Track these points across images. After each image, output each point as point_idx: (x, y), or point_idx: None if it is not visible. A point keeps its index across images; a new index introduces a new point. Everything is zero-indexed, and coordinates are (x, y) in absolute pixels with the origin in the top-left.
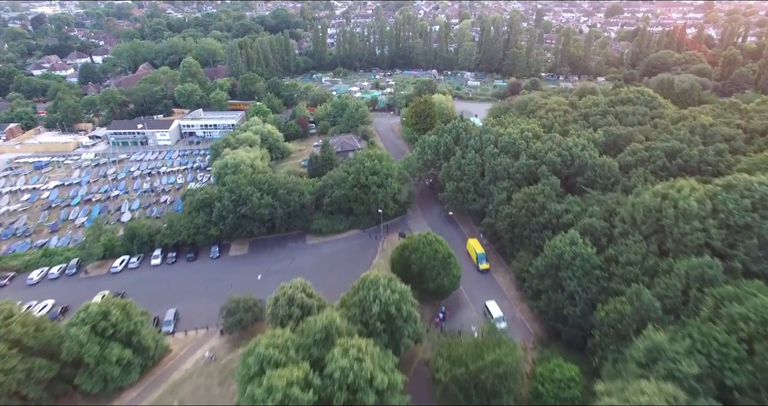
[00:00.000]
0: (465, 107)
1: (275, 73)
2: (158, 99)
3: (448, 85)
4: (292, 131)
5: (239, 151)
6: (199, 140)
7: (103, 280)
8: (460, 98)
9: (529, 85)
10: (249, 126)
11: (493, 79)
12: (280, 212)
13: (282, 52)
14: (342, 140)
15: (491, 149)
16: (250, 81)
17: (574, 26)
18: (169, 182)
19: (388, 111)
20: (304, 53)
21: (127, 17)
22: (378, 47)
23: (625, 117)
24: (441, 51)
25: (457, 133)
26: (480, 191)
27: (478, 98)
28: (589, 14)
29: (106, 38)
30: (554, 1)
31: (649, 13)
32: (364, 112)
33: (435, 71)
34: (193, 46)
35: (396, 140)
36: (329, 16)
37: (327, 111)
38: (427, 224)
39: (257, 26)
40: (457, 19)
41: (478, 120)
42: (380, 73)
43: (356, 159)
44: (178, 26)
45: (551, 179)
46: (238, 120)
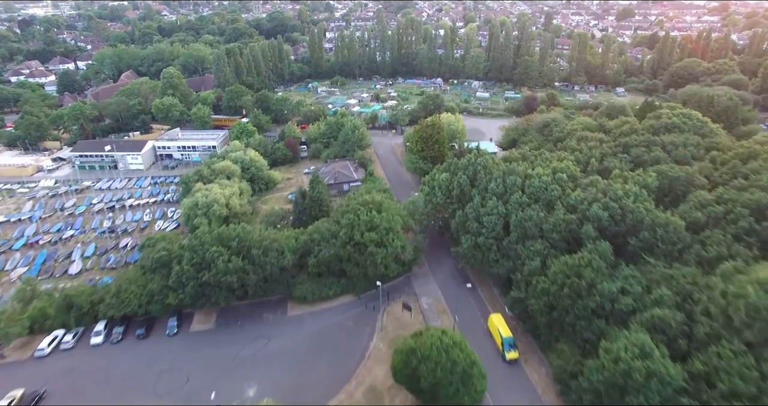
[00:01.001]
0: (475, 125)
1: (267, 82)
2: (135, 114)
3: (455, 97)
4: (279, 155)
5: (213, 187)
6: (175, 164)
7: (23, 369)
8: (468, 113)
9: (546, 99)
10: (228, 152)
11: (503, 89)
12: (253, 279)
13: (275, 59)
14: (335, 169)
15: (518, 197)
16: (236, 94)
17: (586, 30)
18: (134, 219)
19: (390, 129)
20: (301, 60)
21: (120, 20)
22: (379, 53)
23: (674, 149)
24: (446, 58)
25: (474, 171)
26: (504, 251)
27: (488, 113)
28: (599, 17)
29: (94, 42)
30: (558, 1)
31: (662, 17)
32: (362, 135)
33: (440, 80)
34: (181, 53)
35: (398, 167)
36: (328, 19)
37: (320, 131)
38: (438, 287)
39: (251, 31)
40: (461, 22)
41: (493, 145)
42: (381, 81)
43: (349, 206)
44: (169, 30)
45: (600, 246)
46: (220, 141)
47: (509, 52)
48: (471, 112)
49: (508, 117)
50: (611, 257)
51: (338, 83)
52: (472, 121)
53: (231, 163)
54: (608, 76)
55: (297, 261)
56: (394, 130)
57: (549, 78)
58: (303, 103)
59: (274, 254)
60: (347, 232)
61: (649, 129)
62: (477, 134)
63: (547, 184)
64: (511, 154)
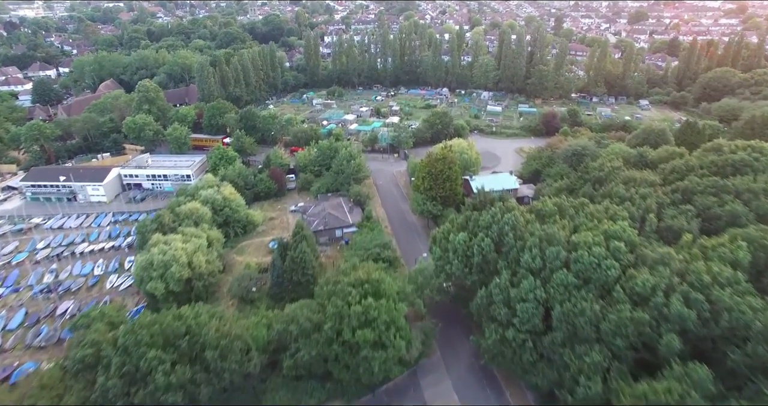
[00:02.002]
0: (487, 146)
1: (258, 93)
2: (106, 132)
3: (464, 112)
4: (262, 188)
5: (174, 241)
6: (144, 196)
7: None
8: (480, 132)
9: (567, 116)
10: (199, 189)
11: (516, 102)
12: (206, 393)
13: (267, 67)
14: (326, 211)
15: (562, 277)
16: (218, 111)
17: (598, 34)
18: (82, 273)
19: (392, 152)
20: (296, 67)
21: (113, 22)
22: (380, 60)
23: (755, 199)
24: (453, 66)
25: (500, 231)
26: (545, 352)
27: (502, 132)
28: (610, 20)
29: (81, 46)
30: (565, 2)
31: (677, 20)
32: (359, 165)
33: (446, 90)
34: (167, 60)
35: (402, 204)
36: (328, 22)
37: (311, 157)
38: (452, 387)
39: (244, 35)
40: (467, 25)
41: (514, 178)
42: (382, 91)
43: (337, 285)
44: (159, 34)
45: (695, 371)
46: (196, 168)
47: (522, 60)
48: (483, 131)
49: (524, 136)
50: (711, 386)
51: (335, 94)
52: (484, 142)
53: (200, 205)
54: (629, 86)
55: (268, 359)
56: (396, 154)
57: (565, 89)
58: (293, 121)
59: (235, 357)
60: (333, 325)
61: (709, 167)
62: (491, 159)
63: (601, 258)
64: (544, 204)
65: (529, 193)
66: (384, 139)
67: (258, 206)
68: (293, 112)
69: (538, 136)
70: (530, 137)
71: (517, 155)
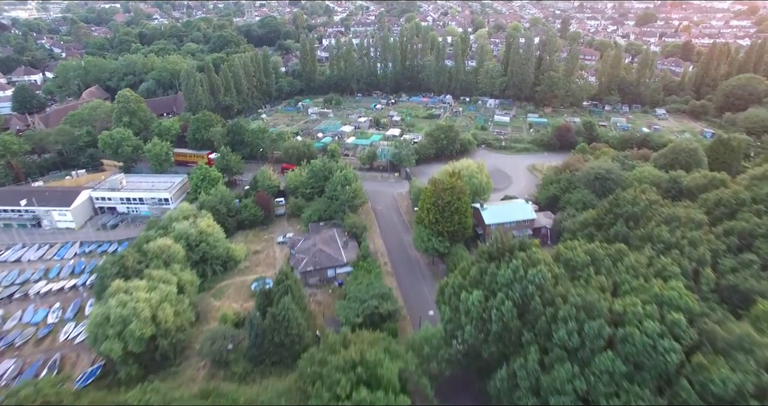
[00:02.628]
0: (496, 163)
1: (250, 101)
2: (82, 147)
3: (469, 122)
4: (247, 216)
5: (137, 290)
6: (117, 222)
7: None
8: (488, 146)
9: (582, 129)
10: (173, 221)
11: (524, 110)
12: None
13: (260, 73)
14: (317, 248)
15: (606, 361)
16: (203, 124)
17: (606, 37)
18: (33, 320)
19: (392, 171)
20: (291, 72)
21: (107, 24)
22: (380, 64)
23: None
24: (457, 72)
25: (524, 292)
26: None
27: (512, 147)
28: (617, 22)
29: (71, 48)
30: (569, 2)
31: (686, 21)
32: (355, 191)
33: (449, 98)
34: (156, 65)
35: (404, 235)
36: (326, 24)
37: (302, 178)
38: None
39: (238, 38)
40: (470, 27)
41: (529, 207)
42: (382, 97)
43: (324, 368)
44: (151, 37)
45: None
46: (176, 190)
47: (530, 66)
48: (491, 145)
49: (536, 151)
50: None
51: (332, 102)
52: (494, 158)
53: (172, 242)
54: (644, 94)
55: None
56: (397, 173)
57: (577, 97)
58: (285, 135)
59: None
60: None
61: (766, 201)
62: (501, 178)
63: (656, 338)
64: (575, 253)
65: (547, 223)
66: (384, 156)
67: (242, 236)
68: (287, 121)
69: (552, 151)
70: (543, 152)
71: (530, 174)
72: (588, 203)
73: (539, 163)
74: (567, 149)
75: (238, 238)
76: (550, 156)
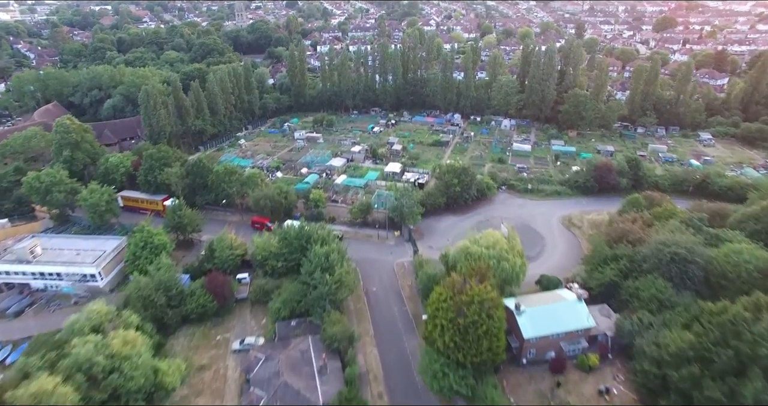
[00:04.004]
0: (523, 214)
1: (228, 123)
2: (8, 188)
3: (483, 150)
4: (195, 307)
5: None
6: (22, 307)
7: None
8: (510, 189)
9: (626, 168)
10: (73, 335)
11: (546, 135)
12: None
13: (241, 89)
14: (282, 379)
15: None
16: (157, 162)
17: (627, 45)
18: None
19: (394, 227)
20: (279, 86)
21: (92, 27)
22: (379, 76)
23: None
24: (467, 88)
25: None
26: None
27: (541, 191)
28: (634, 27)
29: (43, 55)
30: (578, 6)
31: (708, 26)
32: (340, 280)
33: (458, 117)
34: (126, 77)
35: (407, 342)
36: (323, 28)
37: (272, 250)
38: None
39: (222, 46)
40: (476, 32)
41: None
42: (381, 116)
43: None
44: (130, 44)
45: None
46: (107, 260)
47: (552, 82)
48: (513, 187)
49: (569, 195)
50: None
51: (323, 123)
52: (518, 207)
53: (58, 382)
54: (683, 114)
55: None
56: (398, 232)
57: (607, 119)
58: (258, 178)
59: None
60: None
61: None
62: (531, 239)
63: None
64: None
65: (606, 328)
66: (381, 205)
67: (184, 337)
68: (269, 147)
69: (590, 196)
70: (578, 197)
71: (567, 232)
72: (666, 301)
73: (576, 215)
74: (607, 193)
75: (179, 340)
76: (587, 202)
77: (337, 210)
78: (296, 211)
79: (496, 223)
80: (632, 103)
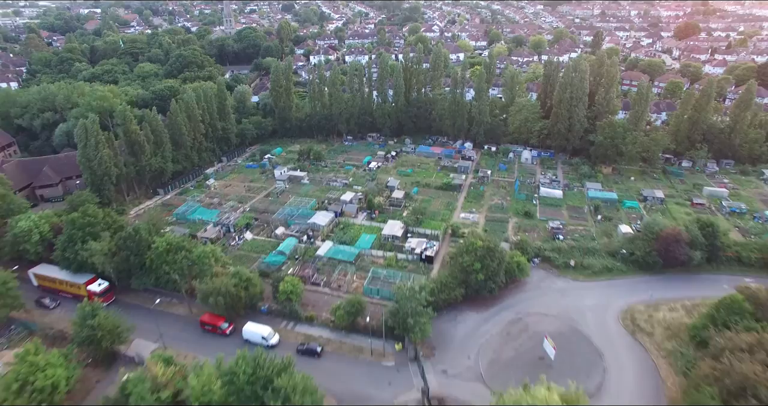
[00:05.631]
0: (567, 306)
1: (196, 157)
2: None
3: (504, 196)
4: None
5: None
6: None
7: None
8: (545, 263)
9: (700, 238)
10: None
11: (577, 172)
12: None
13: (213, 115)
14: None
15: None
16: (80, 231)
17: (649, 54)
18: None
19: (394, 335)
20: (262, 107)
21: (75, 32)
22: (377, 96)
23: None
24: (481, 112)
25: None
26: None
27: (586, 268)
28: (653, 35)
29: (9, 65)
30: (587, 10)
31: (735, 33)
32: None
33: (468, 145)
34: (85, 96)
35: None
36: (318, 36)
37: (214, 397)
38: None
39: (202, 58)
40: (483, 40)
41: None
42: (379, 142)
43: None
44: (103, 53)
45: None
46: None
47: (582, 107)
48: (549, 261)
49: (624, 273)
50: None
51: (310, 157)
52: (559, 294)
53: None
54: (738, 145)
55: None
56: (399, 345)
57: (652, 152)
58: (212, 258)
59: None
60: None
61: None
62: (580, 349)
63: None
64: None
65: None
66: (376, 292)
67: None
68: (243, 189)
69: (653, 273)
70: (636, 275)
71: (633, 341)
72: None
73: (640, 309)
74: (675, 269)
75: None
76: (651, 285)
77: (318, 299)
78: (262, 303)
79: (532, 326)
80: (677, 132)
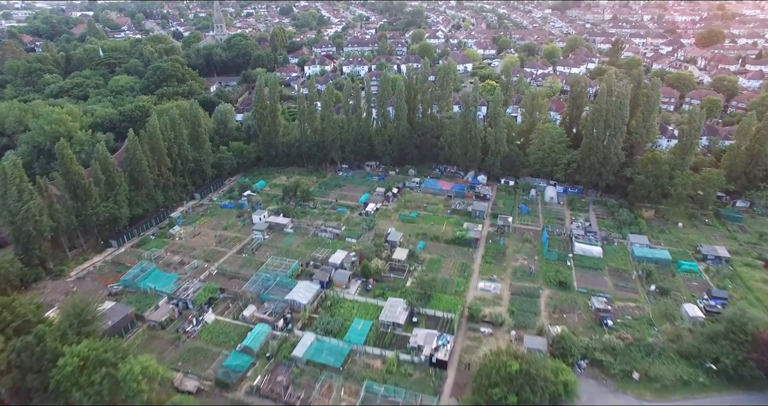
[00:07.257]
0: None
1: (161, 197)
2: None
3: (531, 253)
4: None
5: None
6: None
7: None
8: (596, 370)
9: None
10: None
11: (616, 221)
12: None
13: (184, 146)
14: None
15: None
16: None
17: (674, 65)
18: None
19: None
20: (245, 130)
21: (59, 36)
22: (377, 118)
23: None
24: (497, 141)
25: None
26: None
27: (654, 381)
28: (672, 42)
29: None
30: (597, 14)
31: (761, 40)
32: None
33: (483, 178)
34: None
35: None
36: (314, 42)
37: None
38: None
39: (183, 70)
40: (491, 48)
41: None
42: (379, 173)
43: None
44: (78, 63)
45: None
46: None
47: (620, 138)
48: (601, 366)
49: (706, 390)
50: None
51: (297, 195)
52: None
53: None
54: None
55: None
56: None
57: (706, 192)
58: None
59: None
60: None
61: None
62: None
63: None
64: None
65: None
66: None
67: None
68: (214, 239)
69: (747, 390)
70: (727, 393)
71: None
72: None
73: None
74: None
75: None
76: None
77: None
78: None
79: None
80: (732, 167)
